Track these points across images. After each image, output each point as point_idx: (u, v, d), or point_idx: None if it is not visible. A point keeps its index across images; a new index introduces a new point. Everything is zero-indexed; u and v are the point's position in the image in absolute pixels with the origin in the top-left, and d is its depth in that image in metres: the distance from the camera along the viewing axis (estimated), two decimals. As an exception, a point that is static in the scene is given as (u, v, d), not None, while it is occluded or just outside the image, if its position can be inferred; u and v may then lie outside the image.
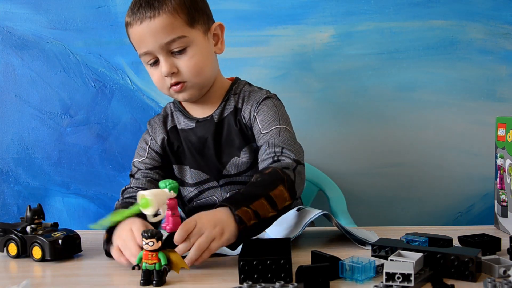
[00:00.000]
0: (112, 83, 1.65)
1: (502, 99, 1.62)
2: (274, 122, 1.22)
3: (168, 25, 1.16)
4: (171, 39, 1.17)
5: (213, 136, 1.26)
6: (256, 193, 1.00)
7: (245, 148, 1.24)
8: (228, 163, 1.25)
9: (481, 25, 1.60)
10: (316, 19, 1.61)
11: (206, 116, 1.28)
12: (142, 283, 0.83)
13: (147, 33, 1.17)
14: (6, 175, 1.67)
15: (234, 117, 1.26)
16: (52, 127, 1.66)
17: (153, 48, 1.18)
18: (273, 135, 1.19)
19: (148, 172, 1.27)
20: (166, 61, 1.18)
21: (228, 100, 1.28)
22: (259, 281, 0.81)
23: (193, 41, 1.19)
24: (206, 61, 1.23)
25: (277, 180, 1.04)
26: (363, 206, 1.45)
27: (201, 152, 1.27)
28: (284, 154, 1.15)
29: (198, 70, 1.21)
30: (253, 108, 1.25)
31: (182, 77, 1.20)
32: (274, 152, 1.15)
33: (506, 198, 1.14)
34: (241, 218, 0.93)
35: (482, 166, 1.62)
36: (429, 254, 0.84)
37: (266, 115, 1.23)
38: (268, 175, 1.06)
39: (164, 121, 1.32)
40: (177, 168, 1.30)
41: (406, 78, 1.62)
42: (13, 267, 0.97)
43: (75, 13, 1.63)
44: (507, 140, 1.13)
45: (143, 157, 1.29)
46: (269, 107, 1.25)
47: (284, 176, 1.06)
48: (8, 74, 1.65)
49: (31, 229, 1.00)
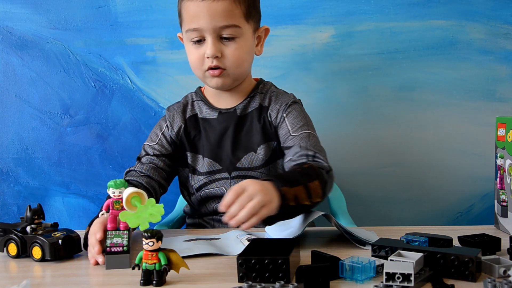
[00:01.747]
0: (112, 83, 1.65)
1: (502, 99, 1.62)
2: (304, 126, 1.26)
3: (229, 11, 1.20)
4: (226, 24, 1.20)
5: (234, 128, 1.29)
6: (297, 179, 1.05)
7: (263, 145, 1.27)
8: (243, 157, 1.27)
9: (481, 25, 1.60)
10: (316, 19, 1.61)
11: (229, 108, 1.31)
12: (142, 283, 0.83)
13: (206, 11, 1.19)
14: (6, 175, 1.67)
15: (259, 114, 1.29)
16: (52, 127, 1.66)
17: (206, 27, 1.20)
18: (303, 138, 1.23)
19: (154, 159, 1.30)
20: (214, 44, 1.21)
21: (253, 97, 1.31)
22: (258, 280, 0.81)
23: (244, 34, 1.24)
24: (248, 56, 1.28)
25: (314, 175, 1.09)
26: (363, 206, 1.45)
27: (219, 142, 1.29)
28: (318, 157, 1.19)
29: (240, 62, 1.25)
30: (282, 108, 1.28)
31: (223, 64, 1.23)
32: (307, 155, 1.19)
33: (506, 198, 1.14)
34: (285, 195, 0.98)
35: (482, 166, 1.62)
36: (429, 254, 0.83)
37: (296, 119, 1.27)
38: (307, 169, 1.12)
39: (184, 109, 1.34)
40: (191, 156, 1.31)
41: (406, 78, 1.62)
42: (13, 267, 0.97)
43: (75, 13, 1.63)
44: (507, 140, 1.13)
45: (154, 142, 1.33)
46: (298, 111, 1.29)
47: (320, 174, 1.11)
48: (8, 74, 1.65)
49: (31, 229, 1.00)
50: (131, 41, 1.63)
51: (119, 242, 0.91)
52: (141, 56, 1.64)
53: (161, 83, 1.64)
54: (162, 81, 1.64)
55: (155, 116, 1.65)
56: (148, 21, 1.63)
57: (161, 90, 1.65)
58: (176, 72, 1.64)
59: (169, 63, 1.64)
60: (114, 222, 0.93)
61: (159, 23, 1.63)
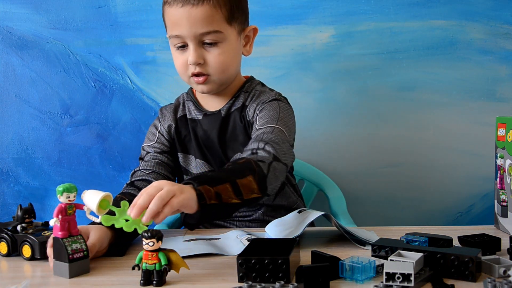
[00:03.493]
0: (112, 83, 1.65)
1: (502, 99, 1.62)
2: (272, 121, 1.20)
3: (208, 17, 1.17)
4: (207, 31, 1.17)
5: (217, 131, 1.27)
6: (222, 177, 0.98)
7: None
8: (232, 158, 1.25)
9: (481, 25, 1.60)
10: (316, 19, 1.61)
11: (215, 110, 1.29)
12: (142, 283, 0.83)
13: (185, 18, 1.17)
14: (6, 175, 1.67)
15: (240, 113, 1.27)
16: (52, 127, 1.66)
17: (187, 34, 1.18)
18: (265, 133, 1.17)
19: (157, 155, 1.29)
20: (196, 50, 1.19)
21: (238, 97, 1.29)
22: (258, 280, 0.81)
23: (226, 38, 1.20)
24: (233, 60, 1.24)
25: (248, 170, 1.02)
26: (363, 206, 1.45)
27: (207, 144, 1.28)
28: (265, 149, 1.12)
29: (224, 67, 1.21)
30: (258, 107, 1.25)
31: (207, 70, 1.21)
32: (257, 147, 1.13)
33: (506, 198, 1.14)
34: (202, 194, 0.92)
35: (482, 166, 1.62)
36: (429, 254, 0.83)
37: (266, 114, 1.22)
38: (240, 164, 1.05)
39: (175, 109, 1.34)
40: (182, 157, 1.31)
41: (406, 78, 1.62)
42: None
43: (75, 13, 1.63)
44: (507, 140, 1.13)
45: (152, 141, 1.32)
46: (273, 107, 1.24)
47: (256, 168, 1.04)
48: (8, 74, 1.65)
49: (22, 228, 1.00)
50: (131, 41, 1.63)
51: (78, 247, 0.88)
52: (141, 56, 1.64)
53: (161, 83, 1.64)
54: (162, 81, 1.64)
55: (155, 116, 1.64)
56: (148, 21, 1.63)
57: (161, 90, 1.65)
58: (176, 72, 1.62)
59: (169, 63, 1.63)
60: (66, 229, 0.88)
61: (159, 23, 1.62)
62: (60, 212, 0.88)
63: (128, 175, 1.28)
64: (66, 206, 0.88)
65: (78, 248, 0.89)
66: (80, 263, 0.89)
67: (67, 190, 0.87)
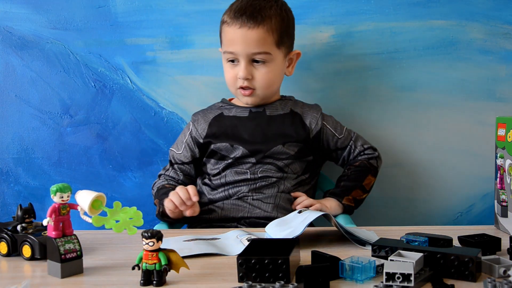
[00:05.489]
0: (112, 83, 1.65)
1: (502, 99, 1.62)
2: (340, 126, 1.49)
3: (261, 39, 1.35)
4: (258, 51, 1.36)
5: (263, 127, 1.41)
6: (351, 186, 1.41)
7: (293, 144, 1.40)
8: (272, 149, 1.38)
9: (481, 25, 1.60)
10: (316, 19, 1.61)
11: (258, 109, 1.44)
12: (142, 283, 0.83)
13: (241, 38, 1.35)
14: (6, 175, 1.67)
15: (291, 117, 1.44)
16: (52, 127, 1.66)
17: (240, 52, 1.36)
18: (349, 136, 1.48)
19: (184, 167, 1.46)
20: (246, 67, 1.37)
21: (282, 102, 1.47)
22: (258, 280, 0.81)
23: (274, 59, 1.39)
24: (277, 79, 1.43)
25: (366, 172, 1.44)
26: (363, 206, 1.45)
27: (250, 134, 1.40)
28: (367, 148, 1.48)
29: (269, 84, 1.40)
30: (320, 117, 1.45)
31: (253, 85, 1.39)
32: (360, 151, 1.48)
33: (506, 198, 1.14)
34: (348, 205, 1.38)
35: (482, 166, 1.62)
36: (429, 254, 0.84)
37: (333, 123, 1.48)
38: (358, 167, 1.44)
39: (209, 112, 1.47)
40: (219, 146, 1.41)
41: (406, 78, 1.62)
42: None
43: (75, 13, 1.63)
44: (507, 140, 1.13)
45: (179, 151, 1.47)
46: (327, 116, 1.49)
47: (371, 167, 1.45)
48: (8, 74, 1.65)
49: (22, 228, 1.00)
50: (131, 41, 1.63)
51: (72, 248, 0.88)
52: (141, 56, 1.64)
53: (161, 83, 1.64)
54: (162, 81, 1.64)
55: (155, 116, 1.65)
56: (148, 21, 1.63)
57: (161, 90, 1.65)
58: (176, 72, 1.64)
59: (169, 63, 1.64)
60: (59, 229, 0.88)
61: (159, 23, 1.63)
62: (54, 212, 0.88)
63: (128, 175, 1.29)
64: (60, 206, 0.88)
65: (72, 249, 0.89)
66: (73, 263, 0.89)
67: (61, 190, 0.87)
